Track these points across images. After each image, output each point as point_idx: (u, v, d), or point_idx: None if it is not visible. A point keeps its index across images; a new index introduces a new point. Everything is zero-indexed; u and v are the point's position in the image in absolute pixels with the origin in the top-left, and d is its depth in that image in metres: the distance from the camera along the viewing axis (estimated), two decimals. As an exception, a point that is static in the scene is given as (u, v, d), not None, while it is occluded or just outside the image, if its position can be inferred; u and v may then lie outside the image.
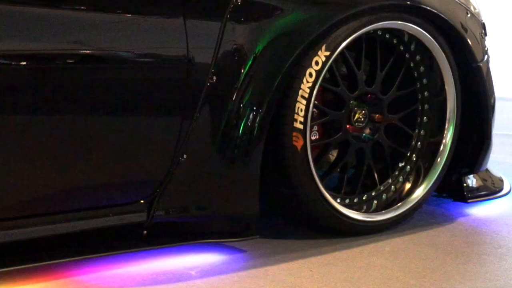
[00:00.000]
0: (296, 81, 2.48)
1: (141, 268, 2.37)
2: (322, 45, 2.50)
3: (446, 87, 2.83)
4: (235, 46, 2.42)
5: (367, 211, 2.76)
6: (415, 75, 2.85)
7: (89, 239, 2.37)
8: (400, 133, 2.87)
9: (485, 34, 3.02)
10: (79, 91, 2.20)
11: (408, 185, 2.86)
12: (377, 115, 2.78)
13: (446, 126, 2.87)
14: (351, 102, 2.71)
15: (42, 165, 2.20)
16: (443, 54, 2.78)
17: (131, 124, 2.31)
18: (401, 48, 2.80)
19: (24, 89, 2.12)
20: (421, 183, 2.86)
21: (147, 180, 2.38)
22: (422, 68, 2.84)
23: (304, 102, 2.49)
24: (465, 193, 3.03)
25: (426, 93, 2.87)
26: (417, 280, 2.31)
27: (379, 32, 2.73)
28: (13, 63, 2.11)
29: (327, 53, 2.51)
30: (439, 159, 2.87)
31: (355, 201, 2.76)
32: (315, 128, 2.70)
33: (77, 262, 2.32)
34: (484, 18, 3.07)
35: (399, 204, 2.80)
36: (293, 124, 2.48)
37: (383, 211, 2.77)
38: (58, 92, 2.17)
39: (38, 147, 2.17)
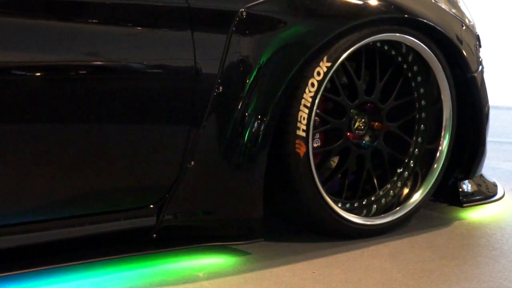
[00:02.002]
0: (299, 91, 2.49)
1: (151, 270, 2.37)
2: (324, 56, 2.51)
3: (442, 96, 2.83)
4: (240, 57, 2.42)
5: (367, 215, 2.75)
6: (413, 85, 2.85)
7: (102, 243, 2.38)
8: (399, 140, 2.87)
9: (480, 46, 3.02)
10: (92, 101, 2.21)
11: (406, 190, 2.86)
12: (376, 123, 2.78)
13: (442, 134, 2.87)
14: (351, 110, 2.71)
15: (57, 171, 2.20)
16: (439, 65, 2.78)
17: (141, 132, 2.32)
18: (399, 59, 2.80)
19: (41, 99, 2.13)
20: (419, 188, 2.86)
21: (156, 186, 2.38)
22: (419, 78, 2.84)
23: (307, 111, 2.49)
24: (460, 198, 3.03)
25: (423, 102, 2.87)
26: (415, 281, 2.31)
27: (378, 44, 2.73)
28: (28, 74, 2.12)
29: (329, 64, 2.52)
30: (435, 165, 2.87)
31: (355, 205, 2.76)
32: (317, 135, 2.70)
33: (90, 264, 2.32)
34: (479, 30, 3.07)
35: (397, 208, 2.80)
36: (296, 132, 2.48)
37: (382, 215, 2.77)
38: (72, 101, 2.18)
39: (53, 154, 2.18)
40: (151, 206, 2.38)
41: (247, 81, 2.43)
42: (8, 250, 2.21)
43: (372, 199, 2.81)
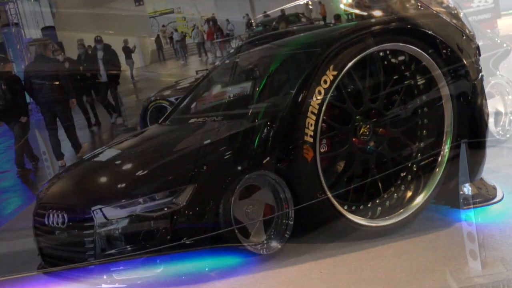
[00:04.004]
0: (306, 99, 2.50)
1: (164, 270, 2.39)
2: (330, 65, 2.52)
3: (443, 103, 2.84)
4: (250, 66, 2.44)
5: (371, 217, 2.76)
6: (415, 92, 2.86)
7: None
8: (402, 145, 2.88)
9: (479, 55, 3.03)
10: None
11: (409, 193, 2.86)
12: (380, 129, 2.79)
13: (444, 139, 2.88)
14: (356, 117, 2.72)
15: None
16: (441, 73, 2.79)
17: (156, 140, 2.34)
18: (402, 67, 2.81)
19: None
20: (421, 191, 2.86)
21: (171, 190, 2.40)
22: (421, 86, 2.85)
23: (314, 117, 2.50)
24: (461, 200, 3.03)
25: (425, 109, 2.88)
26: (418, 280, 2.32)
27: (382, 53, 2.74)
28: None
29: (335, 73, 2.53)
30: (437, 169, 2.88)
31: (360, 207, 2.77)
32: (324, 141, 2.71)
33: (108, 264, 2.34)
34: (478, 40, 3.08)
35: (401, 210, 2.81)
36: (303, 137, 2.50)
37: (386, 217, 2.77)
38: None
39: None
40: (165, 208, 2.40)
41: (257, 89, 2.45)
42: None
43: (377, 201, 2.81)
